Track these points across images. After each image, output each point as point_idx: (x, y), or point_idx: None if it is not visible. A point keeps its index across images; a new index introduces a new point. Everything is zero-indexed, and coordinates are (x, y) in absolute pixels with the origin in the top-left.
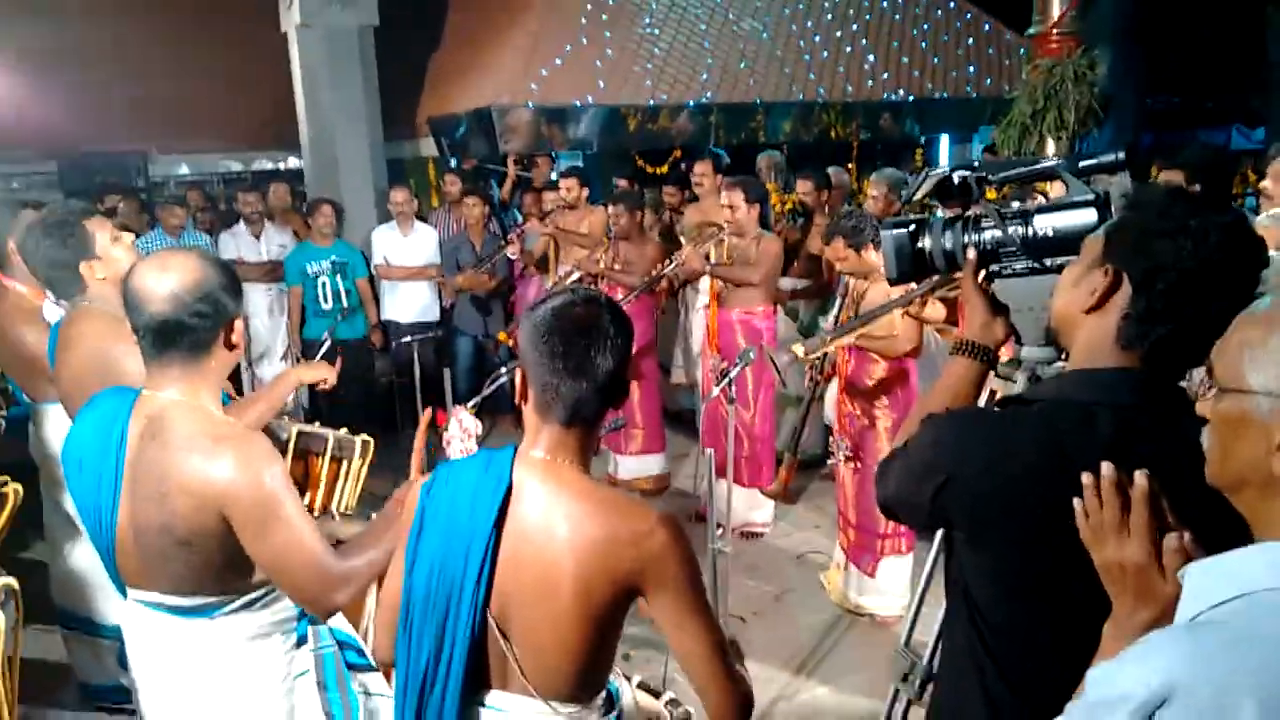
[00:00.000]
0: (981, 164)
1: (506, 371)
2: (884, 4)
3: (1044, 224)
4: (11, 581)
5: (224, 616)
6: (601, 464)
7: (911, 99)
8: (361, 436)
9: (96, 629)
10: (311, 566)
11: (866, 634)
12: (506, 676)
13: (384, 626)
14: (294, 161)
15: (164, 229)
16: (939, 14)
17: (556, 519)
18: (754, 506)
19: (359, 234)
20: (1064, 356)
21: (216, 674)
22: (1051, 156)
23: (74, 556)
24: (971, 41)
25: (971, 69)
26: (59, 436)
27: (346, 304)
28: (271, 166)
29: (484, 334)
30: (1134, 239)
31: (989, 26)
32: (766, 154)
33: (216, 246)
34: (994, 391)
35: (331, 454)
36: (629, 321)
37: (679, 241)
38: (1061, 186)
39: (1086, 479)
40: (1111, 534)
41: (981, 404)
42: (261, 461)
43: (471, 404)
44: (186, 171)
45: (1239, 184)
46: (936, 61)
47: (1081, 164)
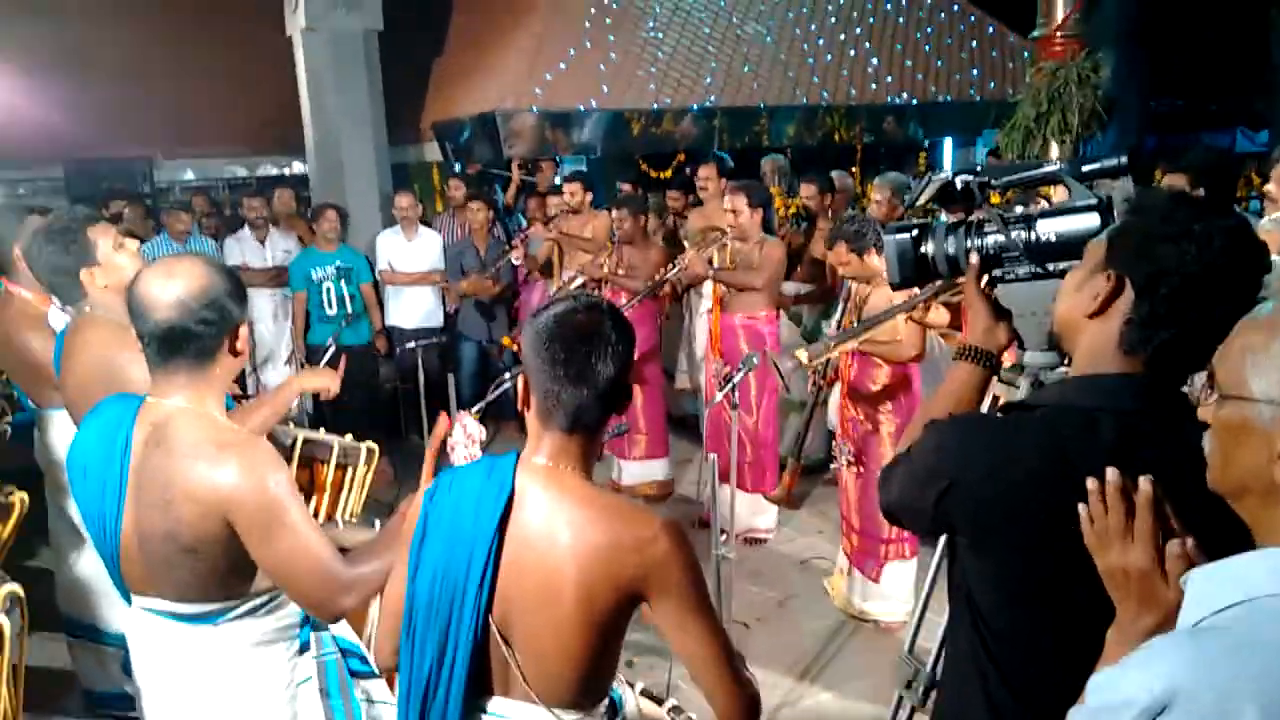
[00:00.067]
0: (984, 168)
1: (510, 377)
2: (887, 7)
3: (1046, 229)
4: (17, 589)
5: (228, 623)
6: (605, 469)
7: (915, 102)
8: (366, 443)
9: (101, 636)
10: (317, 571)
11: (870, 640)
12: (509, 683)
13: (387, 633)
14: (299, 166)
15: (170, 234)
16: (942, 17)
17: (559, 525)
18: (757, 512)
19: (364, 239)
20: (1067, 361)
21: (220, 681)
22: (1055, 160)
23: (79, 563)
24: (975, 45)
25: (975, 72)
26: (64, 443)
27: (351, 309)
28: (276, 172)
29: (488, 339)
30: (1137, 244)
31: (992, 29)
32: (770, 157)
33: (222, 252)
34: (997, 397)
35: (336, 461)
36: (631, 328)
37: (683, 246)
38: (1064, 190)
39: (1091, 484)
40: (1115, 539)
41: (985, 409)
42: (266, 467)
43: (476, 409)
44: (192, 177)
45: (1243, 187)
46: (940, 65)
47: (1084, 169)
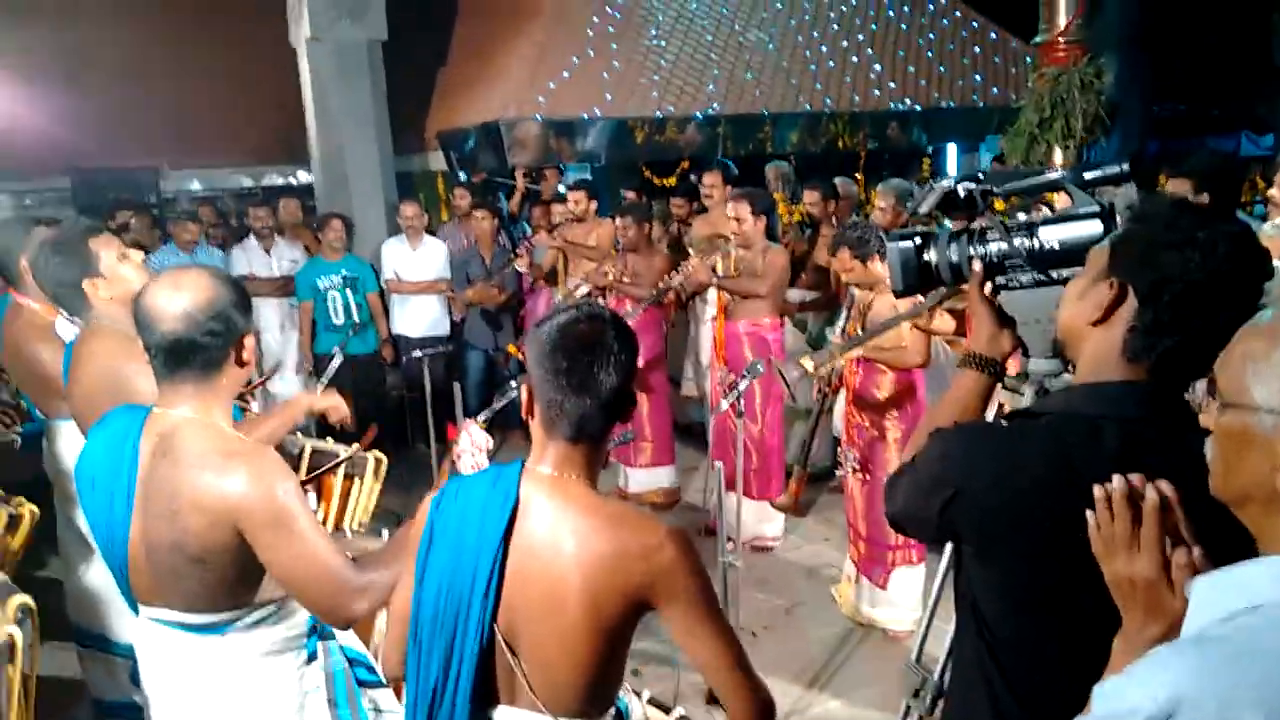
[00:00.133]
0: (986, 176)
1: (516, 385)
2: (890, 14)
3: (1049, 236)
4: (28, 600)
5: (235, 633)
6: (611, 476)
7: (918, 108)
8: (374, 454)
9: (110, 646)
10: (328, 578)
11: (878, 648)
12: (515, 692)
13: (394, 643)
14: (304, 176)
15: (177, 244)
16: (945, 23)
17: (564, 534)
18: (764, 520)
19: (370, 248)
20: (1071, 368)
21: (228, 691)
22: (1059, 165)
23: (88, 573)
24: (978, 50)
25: (978, 78)
26: (72, 453)
27: (357, 318)
28: (282, 181)
29: (494, 347)
30: (1140, 251)
31: (995, 35)
32: (774, 164)
33: (228, 262)
34: (1002, 404)
35: (344, 471)
36: (634, 337)
37: (687, 253)
38: (1067, 197)
39: (1098, 491)
40: (1122, 548)
41: (989, 417)
42: (274, 475)
43: (482, 418)
44: (198, 187)
45: (1248, 191)
46: (943, 71)
47: (1086, 176)
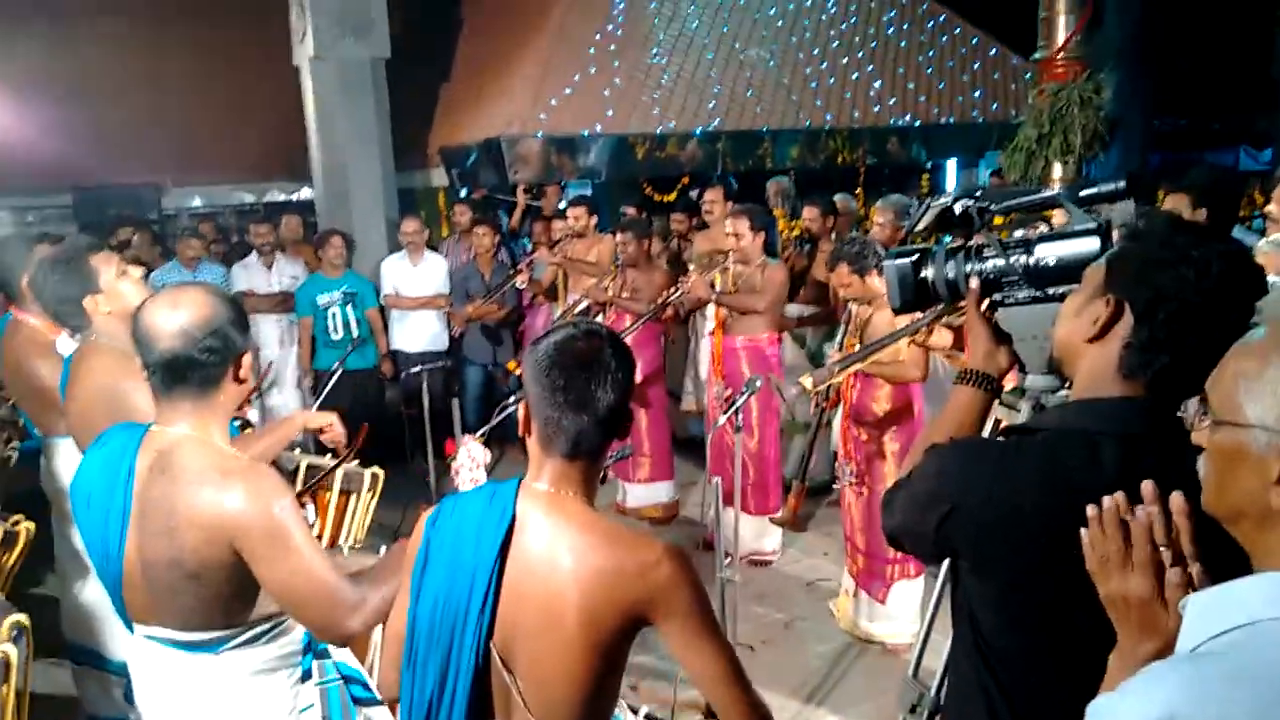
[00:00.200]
0: (983, 193)
1: (515, 401)
2: (889, 30)
3: (1046, 253)
4: (23, 618)
5: (230, 651)
6: (610, 491)
7: (918, 124)
8: (371, 469)
9: (105, 663)
10: (323, 594)
11: (877, 662)
12: (510, 709)
13: (390, 663)
14: (306, 193)
15: (180, 261)
16: (944, 40)
17: (560, 551)
18: (762, 534)
19: (371, 264)
20: (1067, 385)
21: (222, 708)
22: (1058, 180)
23: (83, 590)
24: (977, 67)
25: (977, 94)
26: (69, 470)
27: (357, 334)
28: (284, 198)
29: (493, 363)
30: (1136, 269)
31: (995, 52)
32: (775, 180)
33: (229, 278)
34: (998, 420)
35: (340, 487)
36: (630, 354)
37: (687, 268)
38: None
39: (1091, 510)
40: (1115, 567)
41: (986, 433)
42: (271, 493)
43: (480, 433)
44: (200, 203)
45: (1246, 206)
46: (942, 87)
47: (1082, 193)
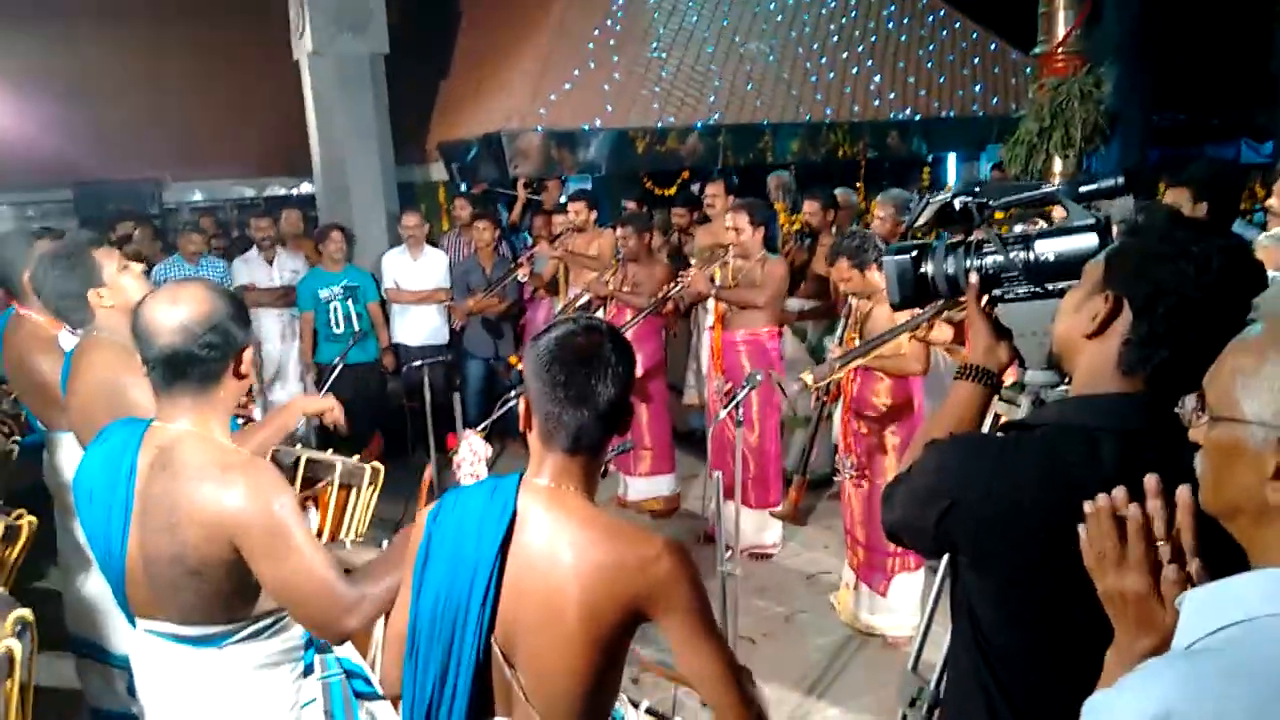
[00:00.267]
0: (983, 188)
1: (516, 395)
2: (890, 24)
3: (1045, 249)
4: (27, 613)
5: (232, 645)
6: (611, 485)
7: (918, 118)
8: (371, 463)
9: (107, 657)
10: (322, 593)
11: (877, 655)
12: (511, 703)
13: (393, 660)
14: (306, 187)
15: (182, 256)
16: (945, 34)
17: (561, 546)
18: (763, 527)
19: (371, 258)
20: (1067, 380)
21: (224, 703)
22: (1059, 175)
23: (86, 584)
24: (977, 60)
25: (978, 88)
26: (72, 465)
27: (358, 328)
28: (284, 192)
29: (494, 357)
30: (1135, 264)
31: (995, 46)
32: (776, 174)
33: (230, 272)
34: (998, 415)
35: (341, 481)
36: (631, 349)
37: (688, 262)
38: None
39: (1088, 507)
40: (1112, 563)
41: (986, 428)
42: (271, 490)
43: (482, 427)
44: (200, 198)
45: (1247, 199)
46: (943, 81)
47: (1081, 189)
